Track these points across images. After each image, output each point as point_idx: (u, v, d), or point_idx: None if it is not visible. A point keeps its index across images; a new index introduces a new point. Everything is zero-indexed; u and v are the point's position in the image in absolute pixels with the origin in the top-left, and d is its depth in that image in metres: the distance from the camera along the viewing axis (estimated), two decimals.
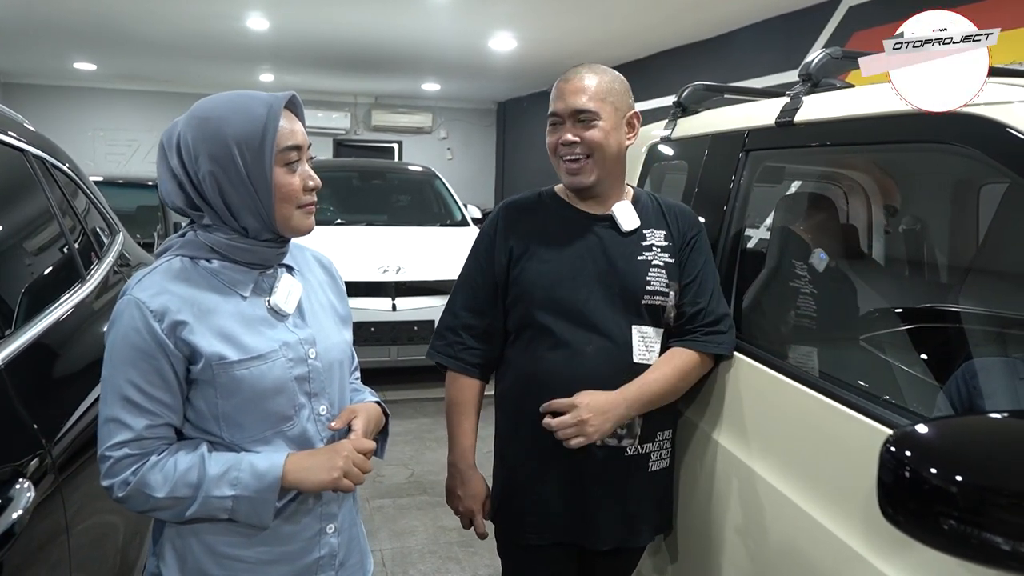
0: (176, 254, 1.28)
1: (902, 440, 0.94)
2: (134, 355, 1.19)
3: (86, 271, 2.08)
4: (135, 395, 1.19)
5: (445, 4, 6.71)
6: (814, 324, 1.91)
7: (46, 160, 2.09)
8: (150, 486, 1.19)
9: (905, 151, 1.86)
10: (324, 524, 1.34)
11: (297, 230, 1.30)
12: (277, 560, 1.29)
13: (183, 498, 1.20)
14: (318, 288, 1.43)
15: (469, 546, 3.41)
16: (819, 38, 6.04)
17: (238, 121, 1.23)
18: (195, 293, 1.24)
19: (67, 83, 12.10)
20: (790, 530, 1.47)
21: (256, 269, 1.31)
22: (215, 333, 1.23)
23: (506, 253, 1.75)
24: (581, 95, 1.66)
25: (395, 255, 5.84)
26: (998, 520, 0.86)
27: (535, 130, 12.32)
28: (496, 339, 1.79)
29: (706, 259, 1.78)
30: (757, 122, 1.94)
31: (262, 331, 1.27)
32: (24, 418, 1.33)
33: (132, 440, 1.19)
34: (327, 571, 1.35)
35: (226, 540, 1.26)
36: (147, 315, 1.19)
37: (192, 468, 1.21)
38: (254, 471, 1.22)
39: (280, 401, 1.27)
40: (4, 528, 1.07)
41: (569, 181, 1.72)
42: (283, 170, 1.25)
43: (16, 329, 1.47)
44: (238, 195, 1.23)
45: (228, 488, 1.21)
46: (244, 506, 1.22)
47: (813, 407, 1.47)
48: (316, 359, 1.32)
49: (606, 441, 1.67)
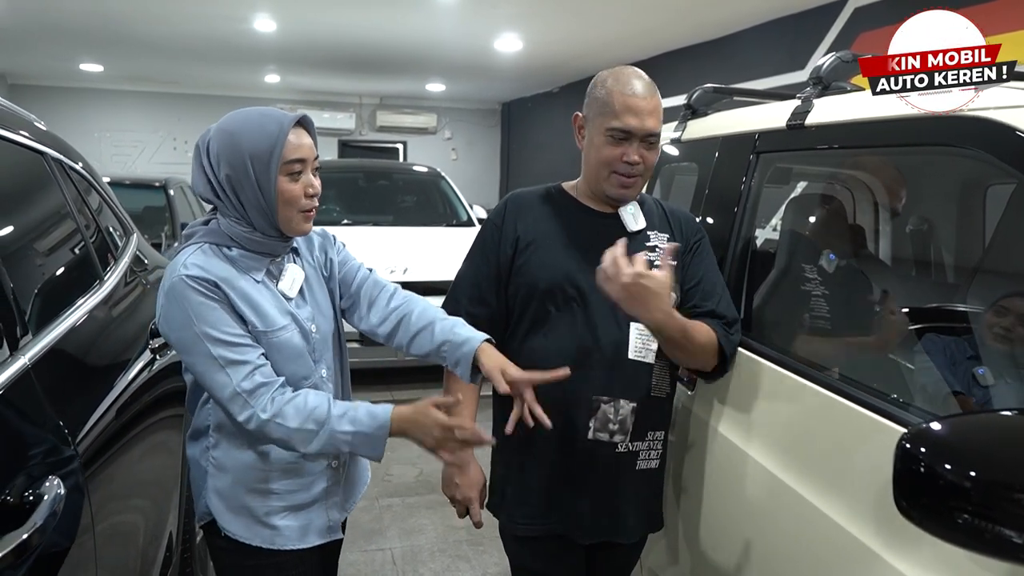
0: (202, 241, 1.51)
1: (917, 437, 0.96)
2: (212, 312, 1.43)
3: (104, 272, 2.10)
4: (232, 338, 1.44)
5: (451, 5, 6.73)
6: (826, 324, 1.93)
7: (63, 161, 2.11)
8: (285, 416, 1.44)
9: (915, 154, 1.88)
10: (329, 460, 1.63)
11: (296, 231, 1.54)
12: (296, 490, 1.59)
13: (311, 431, 1.45)
14: (314, 270, 1.66)
15: (479, 544, 3.44)
16: (825, 39, 6.04)
17: (253, 137, 1.46)
18: (225, 274, 1.48)
19: (74, 84, 12.16)
20: (802, 527, 1.49)
21: (267, 258, 1.55)
22: (247, 306, 1.48)
23: (512, 244, 1.77)
24: (652, 117, 1.66)
25: (401, 255, 5.87)
26: (1011, 514, 0.88)
27: (540, 131, 12.35)
28: (498, 329, 1.80)
29: (709, 264, 1.81)
30: (768, 124, 1.96)
31: (277, 308, 1.53)
32: (51, 416, 1.35)
33: (256, 368, 1.45)
34: (334, 496, 1.66)
35: (254, 476, 1.56)
36: (203, 284, 1.43)
37: (320, 406, 1.46)
38: (369, 412, 1.49)
39: (301, 363, 1.55)
40: (36, 525, 1.09)
41: (618, 194, 1.72)
42: (286, 179, 1.48)
43: (40, 328, 1.50)
44: (248, 198, 1.48)
45: (348, 424, 1.46)
46: (360, 440, 1.47)
47: (826, 405, 1.49)
48: (316, 332, 1.60)
49: (597, 436, 1.70)
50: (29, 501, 1.13)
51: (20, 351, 1.34)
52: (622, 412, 1.71)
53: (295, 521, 1.59)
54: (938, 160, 2.18)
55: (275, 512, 1.57)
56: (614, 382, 1.70)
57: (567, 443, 1.71)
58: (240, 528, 1.57)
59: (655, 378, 1.75)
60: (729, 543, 1.75)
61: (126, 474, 1.71)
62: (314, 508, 1.62)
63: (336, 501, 1.67)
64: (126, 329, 2.09)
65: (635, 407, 1.72)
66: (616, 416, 1.71)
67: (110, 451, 1.59)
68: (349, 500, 1.74)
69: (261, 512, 1.57)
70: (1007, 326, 1.69)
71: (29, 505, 1.12)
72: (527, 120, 13.07)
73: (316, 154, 1.54)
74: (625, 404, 1.71)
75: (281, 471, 1.56)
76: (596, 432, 1.70)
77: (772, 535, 1.60)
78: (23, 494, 1.13)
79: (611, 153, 1.69)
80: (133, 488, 1.79)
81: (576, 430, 1.71)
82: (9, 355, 1.29)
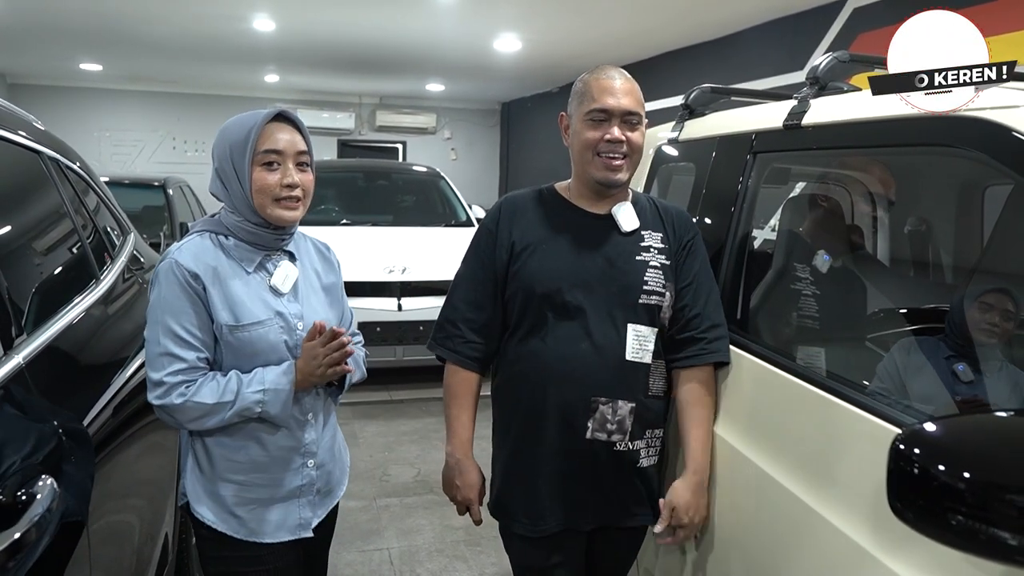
0: (203, 229, 1.66)
1: (911, 438, 0.96)
2: (182, 303, 1.56)
3: (100, 271, 2.10)
4: (185, 334, 1.57)
5: (450, 5, 6.73)
6: (820, 325, 1.93)
7: (60, 161, 2.11)
8: (203, 395, 1.56)
9: (912, 154, 1.88)
10: (305, 460, 1.71)
11: (274, 219, 1.63)
12: (265, 485, 1.67)
13: (226, 402, 1.56)
14: (312, 274, 1.77)
15: (476, 544, 3.44)
16: (824, 39, 6.04)
17: (234, 131, 1.62)
18: (215, 263, 1.61)
19: (73, 84, 12.13)
20: (798, 528, 1.49)
21: (261, 251, 1.66)
22: (224, 301, 1.59)
23: (507, 248, 1.78)
24: (629, 96, 1.70)
25: (400, 255, 5.86)
26: (1005, 515, 0.88)
27: (539, 131, 12.34)
28: (495, 333, 1.83)
29: (702, 263, 1.82)
30: (765, 125, 1.96)
31: (261, 301, 1.63)
32: (46, 416, 1.35)
33: (186, 368, 1.56)
34: (307, 494, 1.72)
35: (229, 467, 1.65)
36: (186, 274, 1.57)
37: (231, 379, 1.59)
38: (275, 372, 1.61)
39: (273, 358, 1.63)
40: (30, 524, 1.09)
41: (604, 176, 1.73)
42: (261, 168, 1.60)
43: (36, 328, 1.50)
44: (232, 187, 1.62)
45: (257, 385, 1.59)
46: (271, 398, 1.59)
47: (820, 406, 1.49)
48: (302, 331, 1.67)
49: (596, 436, 1.71)
50: (22, 500, 1.13)
51: (14, 350, 1.33)
52: (620, 412, 1.72)
53: (262, 515, 1.66)
54: (936, 161, 2.18)
55: (243, 503, 1.65)
56: (612, 383, 1.71)
57: (566, 443, 1.73)
58: (208, 513, 1.65)
59: (652, 378, 1.76)
60: (723, 543, 1.74)
61: (121, 473, 1.71)
62: (284, 505, 1.69)
63: (309, 500, 1.72)
64: (122, 328, 2.09)
65: (633, 407, 1.72)
66: (614, 416, 1.71)
67: (105, 450, 1.59)
68: (325, 500, 1.79)
69: (230, 502, 1.65)
70: (993, 322, 1.70)
71: (22, 504, 1.12)
72: (526, 120, 13.06)
73: (302, 149, 1.64)
74: (623, 405, 1.72)
75: (253, 464, 1.65)
76: (595, 432, 1.71)
77: (766, 535, 1.60)
78: (15, 494, 1.13)
79: (592, 135, 1.72)
80: (128, 487, 1.79)
81: (575, 430, 1.72)
82: (3, 354, 1.29)
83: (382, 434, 4.80)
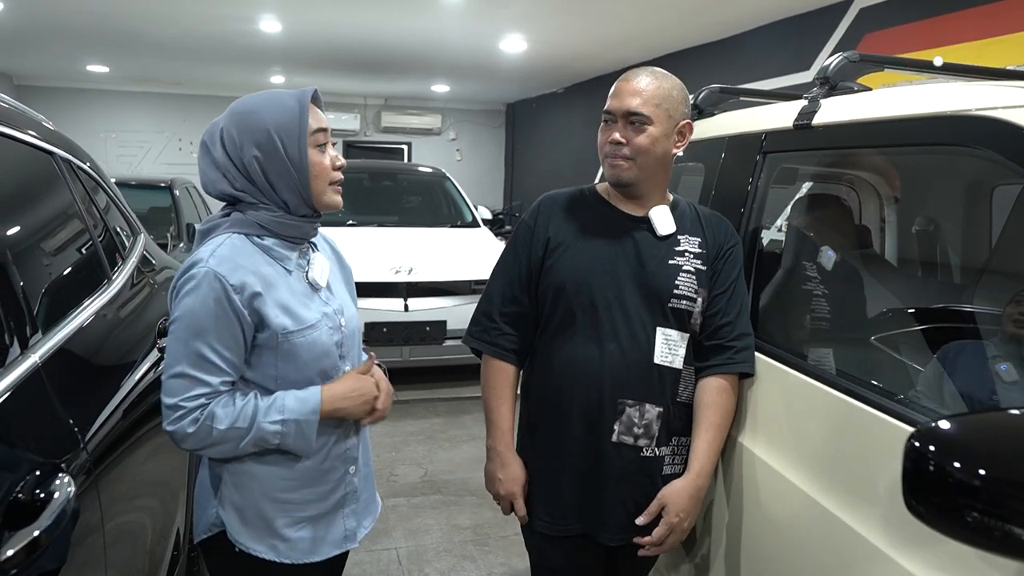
0: (231, 231, 1.47)
1: (926, 435, 0.96)
2: (214, 322, 1.39)
3: (112, 272, 2.11)
4: (212, 355, 1.40)
5: (456, 6, 6.73)
6: (830, 324, 1.93)
7: (71, 161, 2.12)
8: (218, 419, 1.40)
9: (922, 154, 1.88)
10: (347, 467, 1.61)
11: (329, 205, 1.52)
12: (316, 500, 1.55)
13: (241, 428, 1.41)
14: (335, 265, 1.67)
15: (484, 544, 3.44)
16: (831, 40, 6.03)
17: (275, 112, 1.45)
18: (259, 267, 1.45)
19: (80, 85, 12.19)
20: (810, 526, 1.49)
21: (297, 245, 1.54)
22: (278, 305, 1.45)
23: (543, 245, 1.78)
24: (636, 97, 1.68)
25: (407, 256, 5.86)
26: (1020, 512, 0.88)
27: (544, 131, 12.34)
28: (530, 327, 1.82)
29: (739, 273, 1.80)
30: (775, 125, 1.96)
31: (308, 303, 1.51)
32: (61, 414, 1.35)
33: (208, 393, 1.40)
34: (351, 503, 1.63)
35: (279, 486, 1.51)
36: (227, 288, 1.40)
37: (248, 404, 1.43)
38: (297, 398, 1.46)
39: (326, 362, 1.52)
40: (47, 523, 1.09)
41: (610, 174, 1.74)
42: (315, 151, 1.47)
43: (49, 327, 1.50)
44: (279, 175, 1.45)
45: (276, 414, 1.44)
46: (291, 429, 1.45)
47: (831, 405, 1.49)
48: (345, 326, 1.58)
49: (622, 439, 1.70)
50: (40, 499, 1.13)
51: (30, 349, 1.34)
52: (647, 416, 1.70)
53: (310, 533, 1.55)
54: (945, 160, 2.18)
55: (292, 524, 1.53)
56: (639, 386, 1.70)
57: (592, 444, 1.72)
58: (251, 540, 1.51)
59: (682, 384, 1.74)
60: (737, 544, 1.75)
61: (135, 473, 1.71)
62: (330, 518, 1.59)
63: (353, 509, 1.64)
64: (134, 328, 2.10)
65: (661, 412, 1.71)
66: (641, 420, 1.70)
67: (119, 449, 1.60)
68: (369, 507, 1.72)
69: (279, 524, 1.52)
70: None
71: (40, 503, 1.13)
72: (532, 121, 13.07)
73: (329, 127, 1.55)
74: (651, 408, 1.71)
75: (304, 479, 1.53)
76: (620, 435, 1.70)
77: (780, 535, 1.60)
78: (34, 492, 1.14)
79: (601, 137, 1.74)
80: (141, 487, 1.79)
81: (601, 432, 1.71)
82: (20, 353, 1.30)
83: (389, 434, 4.80)
